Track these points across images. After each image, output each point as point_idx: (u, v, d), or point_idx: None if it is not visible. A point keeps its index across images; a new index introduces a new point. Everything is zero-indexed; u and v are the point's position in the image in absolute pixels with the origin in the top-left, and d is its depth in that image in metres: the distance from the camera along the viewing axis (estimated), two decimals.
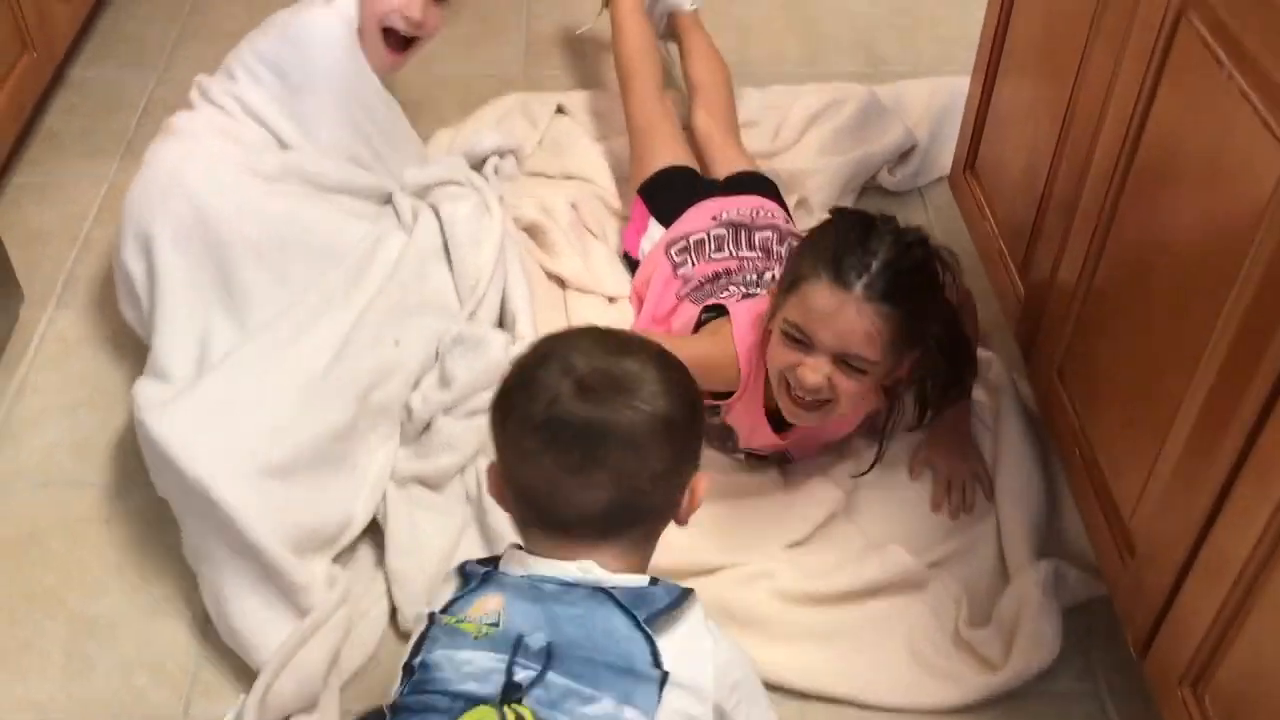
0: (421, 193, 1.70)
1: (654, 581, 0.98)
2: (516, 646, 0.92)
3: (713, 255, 1.58)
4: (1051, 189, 1.39)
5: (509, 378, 1.00)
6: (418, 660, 0.94)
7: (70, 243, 1.84)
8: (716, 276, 1.55)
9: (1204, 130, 1.05)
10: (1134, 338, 1.19)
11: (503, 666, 0.91)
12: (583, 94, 2.10)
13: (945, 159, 1.92)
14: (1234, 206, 1.00)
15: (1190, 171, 1.07)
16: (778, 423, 1.42)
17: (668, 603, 0.95)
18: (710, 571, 1.39)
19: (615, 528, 0.97)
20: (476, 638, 0.93)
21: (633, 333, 1.05)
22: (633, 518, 0.98)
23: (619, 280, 1.73)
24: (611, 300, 1.72)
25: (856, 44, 2.28)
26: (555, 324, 1.65)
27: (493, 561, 1.02)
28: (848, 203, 1.87)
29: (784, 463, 1.53)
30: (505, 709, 0.89)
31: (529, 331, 1.56)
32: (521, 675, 0.91)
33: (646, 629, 0.93)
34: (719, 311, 1.47)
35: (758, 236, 1.60)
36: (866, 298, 1.26)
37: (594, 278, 1.73)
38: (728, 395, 1.42)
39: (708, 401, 1.35)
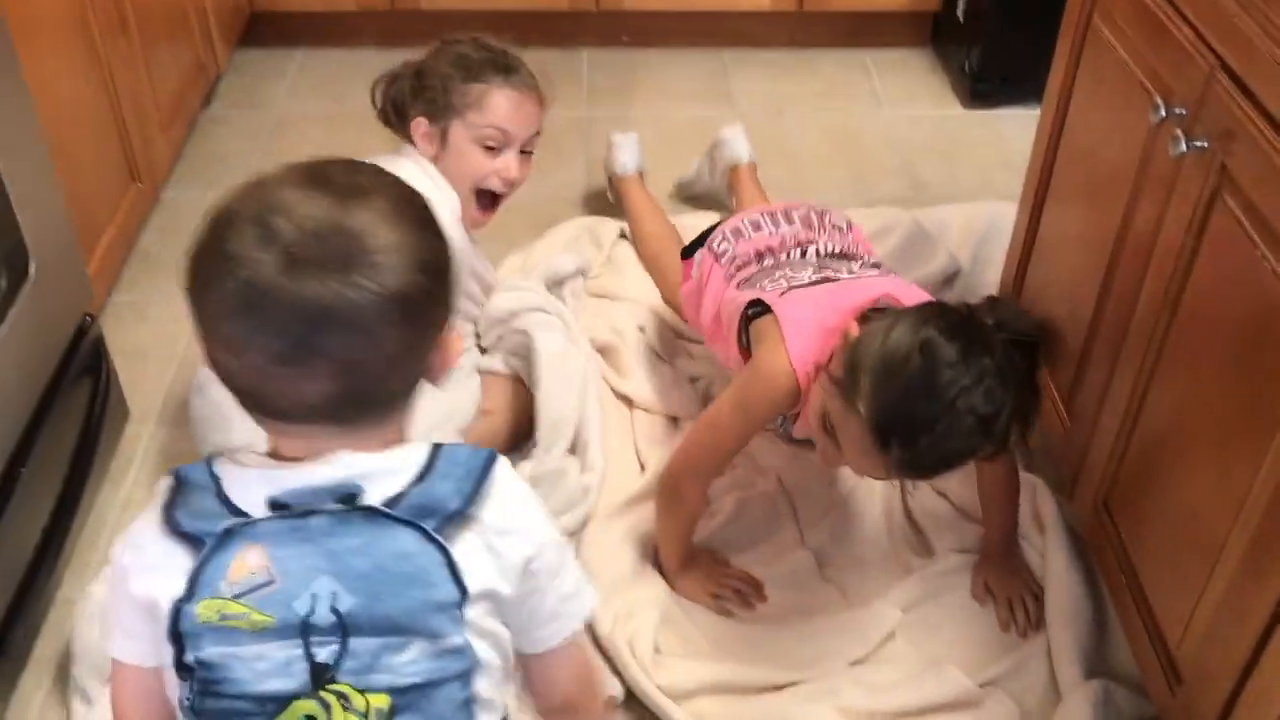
0: (508, 317, 1.81)
1: (435, 452, 0.87)
2: (305, 629, 0.82)
3: (752, 235, 1.67)
4: (1097, 329, 1.49)
5: (200, 239, 0.81)
6: (189, 658, 0.83)
7: (168, 361, 1.96)
8: (760, 256, 1.63)
9: (1241, 300, 1.15)
10: (1179, 474, 1.28)
11: (300, 652, 0.83)
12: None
13: (987, 283, 2.03)
14: (1275, 370, 1.10)
15: (1230, 334, 1.18)
16: None
17: (459, 504, 0.85)
18: (776, 688, 1.47)
19: (350, 416, 0.84)
20: (255, 629, 0.82)
21: (359, 164, 0.87)
22: (368, 403, 0.84)
23: (686, 401, 1.83)
24: (675, 420, 1.82)
25: (900, 169, 2.41)
26: (623, 445, 1.77)
27: (210, 478, 0.86)
28: None
29: None
30: (323, 695, 0.83)
31: (598, 460, 1.67)
32: (324, 654, 0.83)
33: (439, 539, 0.84)
34: (761, 308, 1.49)
35: (796, 214, 1.70)
36: (898, 465, 1.26)
37: (660, 399, 1.84)
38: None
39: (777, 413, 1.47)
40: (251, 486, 0.85)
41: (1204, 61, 1.21)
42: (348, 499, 0.83)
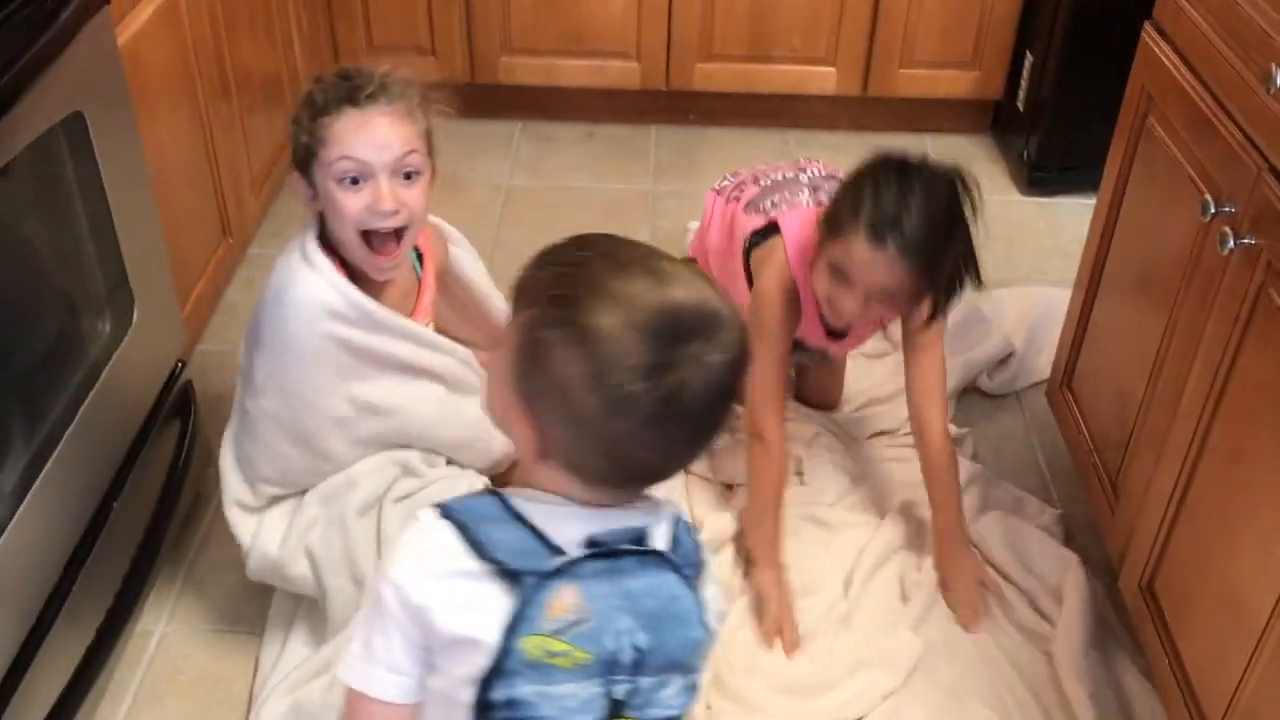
0: None
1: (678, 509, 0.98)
2: (610, 666, 0.89)
3: (760, 180, 1.86)
4: (1144, 415, 1.54)
5: (589, 360, 0.84)
6: (499, 696, 0.87)
7: None
8: (757, 178, 1.85)
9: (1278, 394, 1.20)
10: (1222, 557, 1.32)
11: (601, 689, 0.89)
12: None
13: (1040, 365, 2.08)
14: None
15: (1274, 424, 1.22)
16: (828, 329, 1.74)
17: (698, 555, 0.97)
18: None
19: (675, 471, 0.95)
20: (569, 667, 0.88)
21: (604, 240, 0.91)
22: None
23: (741, 468, 1.89)
24: (730, 488, 1.88)
25: None
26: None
27: (509, 512, 0.90)
28: (951, 409, 2.03)
29: (824, 359, 1.91)
30: None
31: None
32: (620, 690, 0.90)
33: (694, 585, 0.94)
34: (758, 238, 1.73)
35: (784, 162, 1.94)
36: (899, 254, 1.49)
37: (716, 466, 1.89)
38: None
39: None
40: (564, 525, 0.90)
41: (1251, 162, 1.27)
42: (639, 540, 0.91)
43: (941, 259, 1.55)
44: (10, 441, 1.34)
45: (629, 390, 0.83)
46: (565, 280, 0.87)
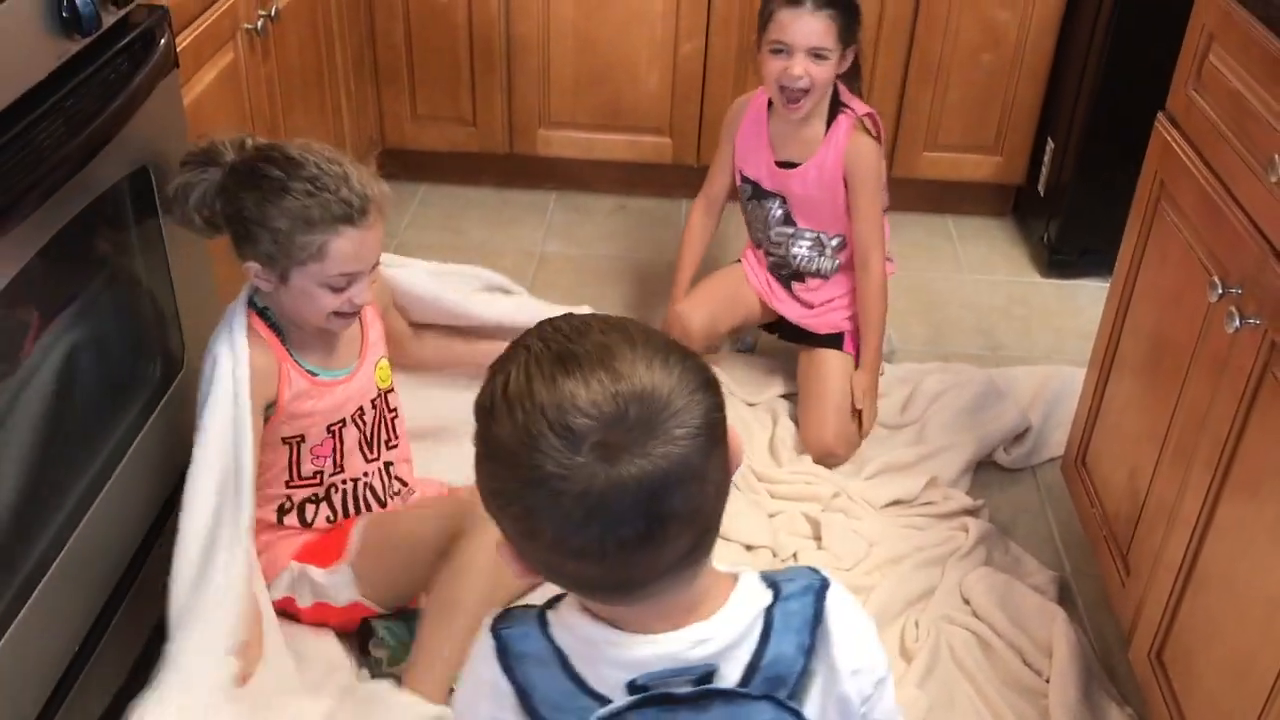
0: None
1: (774, 595, 0.88)
2: None
3: None
4: (1154, 490, 1.58)
5: (498, 468, 0.80)
6: None
7: None
8: None
9: None
10: (1229, 629, 1.35)
11: None
12: (739, 358, 2.37)
13: (1056, 441, 2.12)
14: None
15: (1277, 500, 1.26)
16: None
17: (804, 660, 0.86)
18: None
19: (699, 556, 0.83)
20: None
21: (579, 325, 0.83)
22: (712, 534, 0.84)
23: (760, 530, 1.93)
24: (749, 549, 1.92)
25: (977, 329, 2.53)
26: None
27: (552, 650, 0.86)
28: (966, 481, 2.08)
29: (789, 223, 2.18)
30: None
31: None
32: None
33: (793, 705, 0.85)
34: None
35: None
36: (814, 7, 1.93)
37: (732, 527, 1.93)
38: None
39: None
40: (604, 666, 0.84)
41: (1256, 246, 1.33)
42: (701, 679, 0.84)
43: (850, 16, 1.97)
44: (61, 482, 1.40)
45: (535, 504, 0.78)
46: (481, 393, 0.83)
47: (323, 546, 1.66)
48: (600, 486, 0.76)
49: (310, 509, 1.68)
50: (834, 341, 2.17)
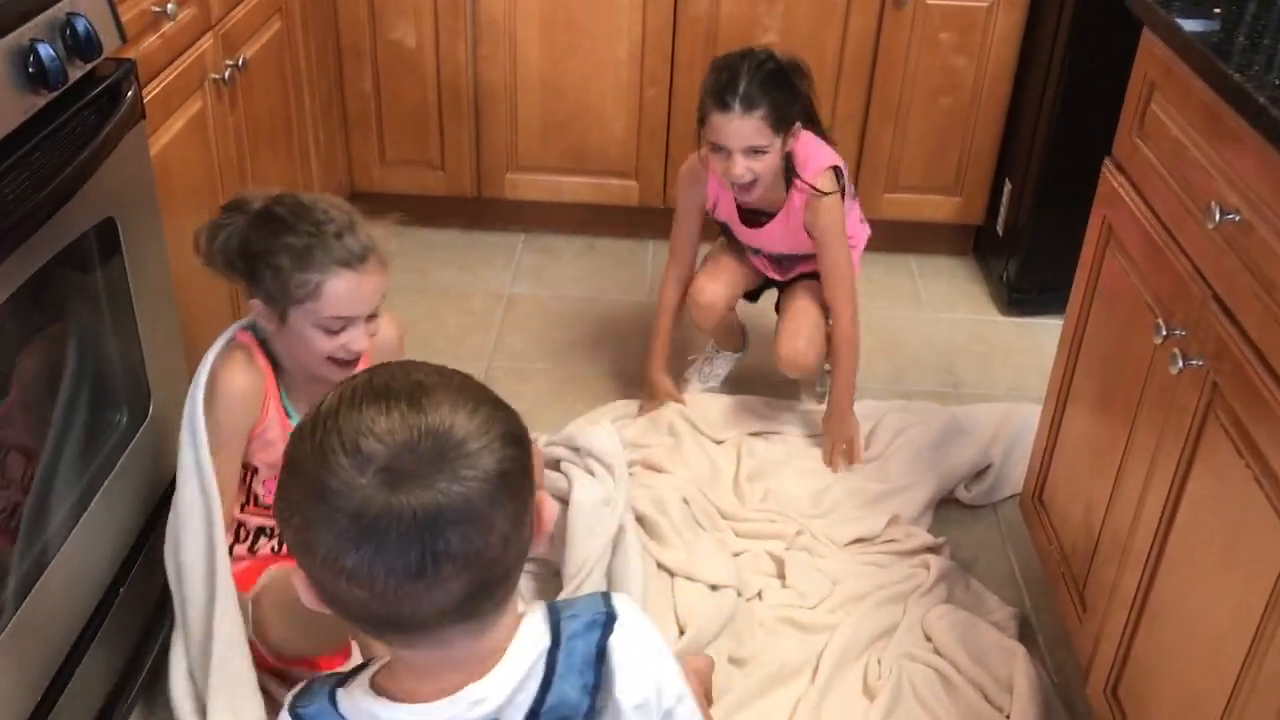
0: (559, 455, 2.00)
1: (553, 638, 0.89)
2: None
3: None
4: (1107, 527, 1.61)
5: (291, 486, 0.82)
6: None
7: None
8: None
9: (1230, 506, 1.28)
10: (1179, 662, 1.38)
11: None
12: (706, 397, 2.39)
13: (1017, 478, 2.15)
14: (1257, 571, 1.21)
15: (1220, 537, 1.30)
16: (750, 220, 2.17)
17: (589, 700, 0.88)
18: None
19: (479, 607, 0.84)
20: None
21: (407, 364, 0.87)
22: (493, 588, 0.84)
23: (726, 570, 1.95)
24: (714, 588, 1.93)
25: (938, 367, 2.57)
26: (662, 611, 1.88)
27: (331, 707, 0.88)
28: (928, 519, 2.10)
29: (776, 284, 2.30)
30: None
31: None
32: None
33: None
34: None
35: None
36: (743, 110, 1.93)
37: (697, 566, 1.95)
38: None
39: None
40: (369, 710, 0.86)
41: (1198, 289, 1.37)
42: None
43: (781, 108, 1.96)
44: (25, 529, 1.41)
45: (315, 516, 0.80)
46: (308, 410, 0.86)
47: (244, 575, 1.63)
48: (376, 509, 0.78)
49: (262, 541, 1.69)
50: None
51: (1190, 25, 1.44)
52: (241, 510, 1.66)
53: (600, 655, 0.90)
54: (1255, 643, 1.20)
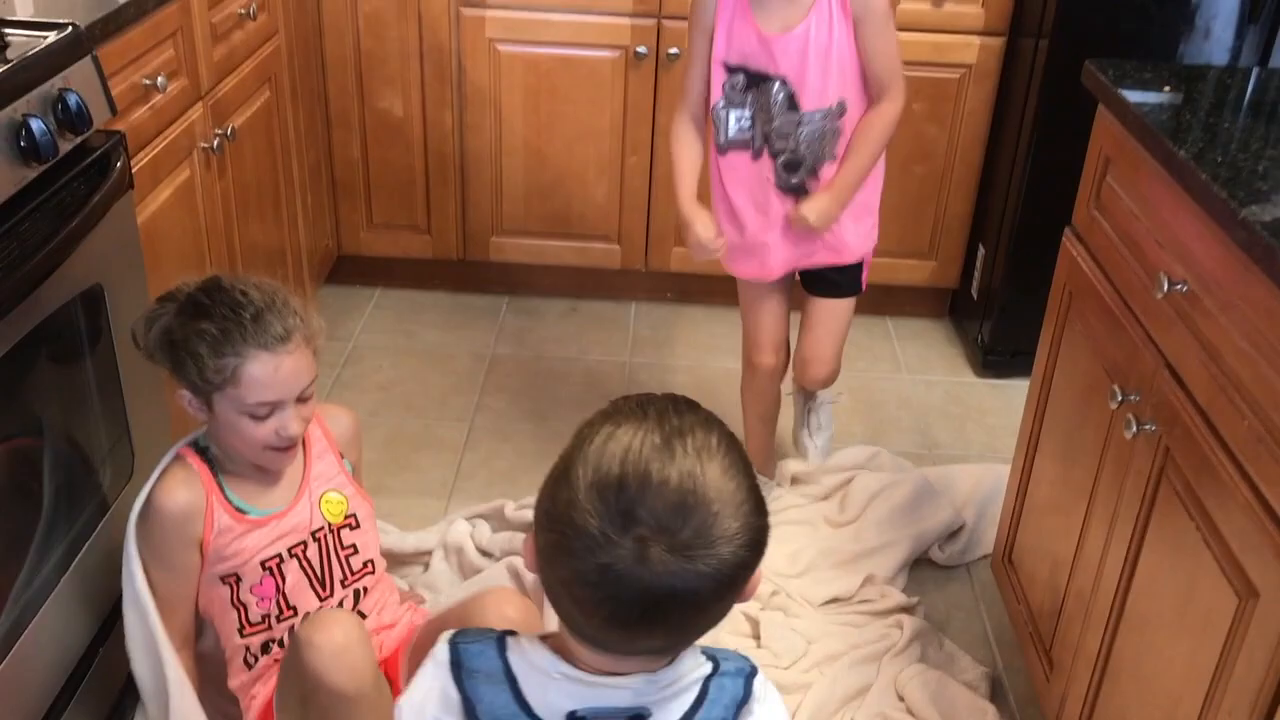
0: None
1: (714, 667, 0.98)
2: None
3: None
4: (1071, 586, 1.64)
5: (559, 493, 0.90)
6: None
7: None
8: None
9: (1182, 567, 1.31)
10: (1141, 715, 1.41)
11: None
12: None
13: (990, 538, 2.18)
14: (1208, 629, 1.24)
15: (1174, 596, 1.33)
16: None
17: None
18: None
19: (673, 651, 0.96)
20: None
21: (692, 417, 0.93)
22: (692, 641, 0.96)
23: None
24: None
25: (914, 428, 2.61)
26: None
27: (503, 670, 0.96)
28: (903, 579, 2.13)
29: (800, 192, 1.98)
30: None
31: None
32: None
33: None
34: None
35: None
36: None
37: None
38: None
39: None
40: (551, 693, 0.94)
41: (1150, 356, 1.42)
42: (636, 718, 0.95)
43: None
44: (10, 586, 1.43)
45: (569, 544, 0.88)
46: (588, 425, 0.94)
47: (266, 710, 1.57)
48: (622, 570, 0.86)
49: (274, 650, 1.60)
50: (853, 274, 2.11)
51: (1140, 101, 1.50)
52: (241, 635, 1.57)
53: (744, 699, 0.99)
54: (1207, 702, 1.23)
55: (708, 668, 0.99)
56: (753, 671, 1.02)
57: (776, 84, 1.88)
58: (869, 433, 2.58)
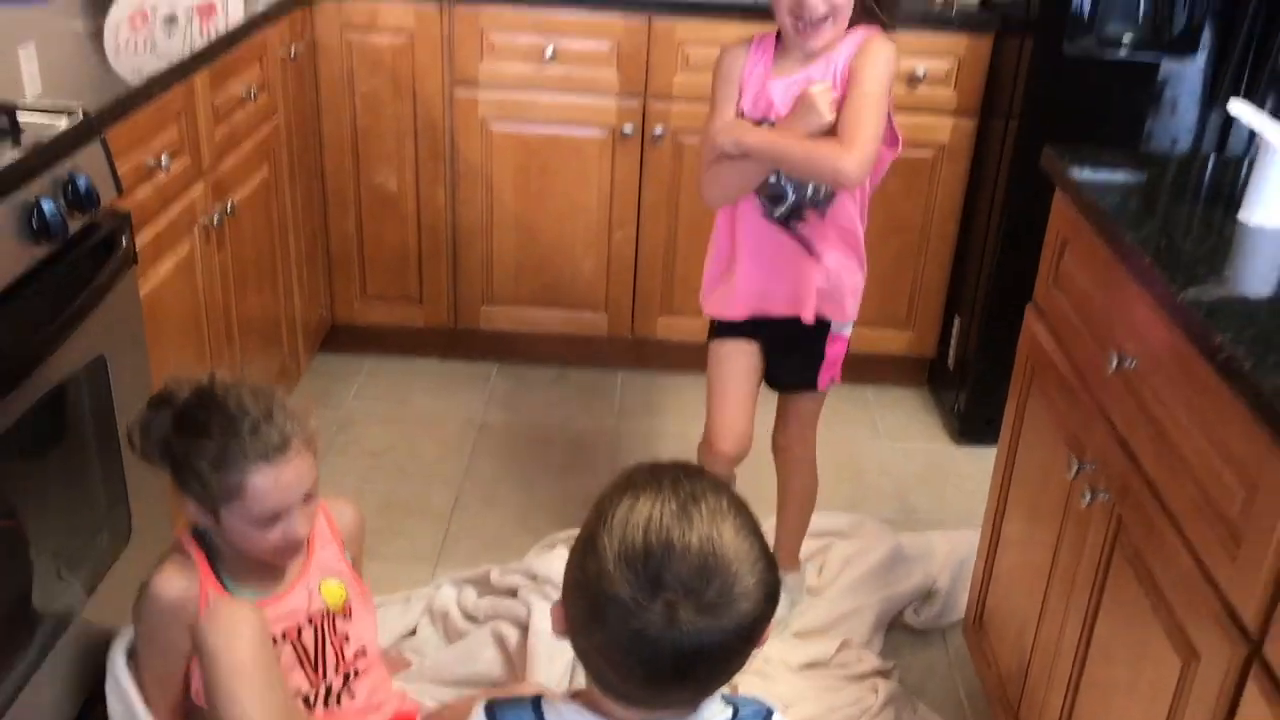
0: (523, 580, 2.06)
1: (733, 712, 1.07)
2: None
3: None
4: (1036, 647, 1.70)
5: (588, 562, 0.98)
6: None
7: None
8: None
9: (1134, 630, 1.37)
10: None
11: None
12: None
13: (964, 603, 2.23)
14: (1152, 707, 1.30)
15: (1127, 660, 1.39)
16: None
17: None
18: None
19: (699, 701, 1.04)
20: None
21: (714, 502, 1.00)
22: (716, 689, 1.04)
23: None
24: None
25: (893, 494, 2.67)
26: None
27: None
28: (878, 642, 2.18)
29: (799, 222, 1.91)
30: None
31: None
32: None
33: None
34: None
35: None
36: None
37: None
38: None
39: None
40: None
41: (1104, 428, 1.49)
42: None
43: None
44: (7, 648, 1.48)
45: (600, 612, 0.96)
46: (607, 498, 1.02)
47: None
48: (653, 634, 0.95)
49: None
50: (815, 340, 2.02)
51: (1093, 186, 1.59)
52: None
53: None
54: None
55: (728, 713, 1.07)
56: (768, 713, 1.11)
57: (765, 125, 1.86)
58: (850, 499, 2.64)
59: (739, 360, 2.04)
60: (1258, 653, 1.11)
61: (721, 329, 2.06)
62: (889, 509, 2.62)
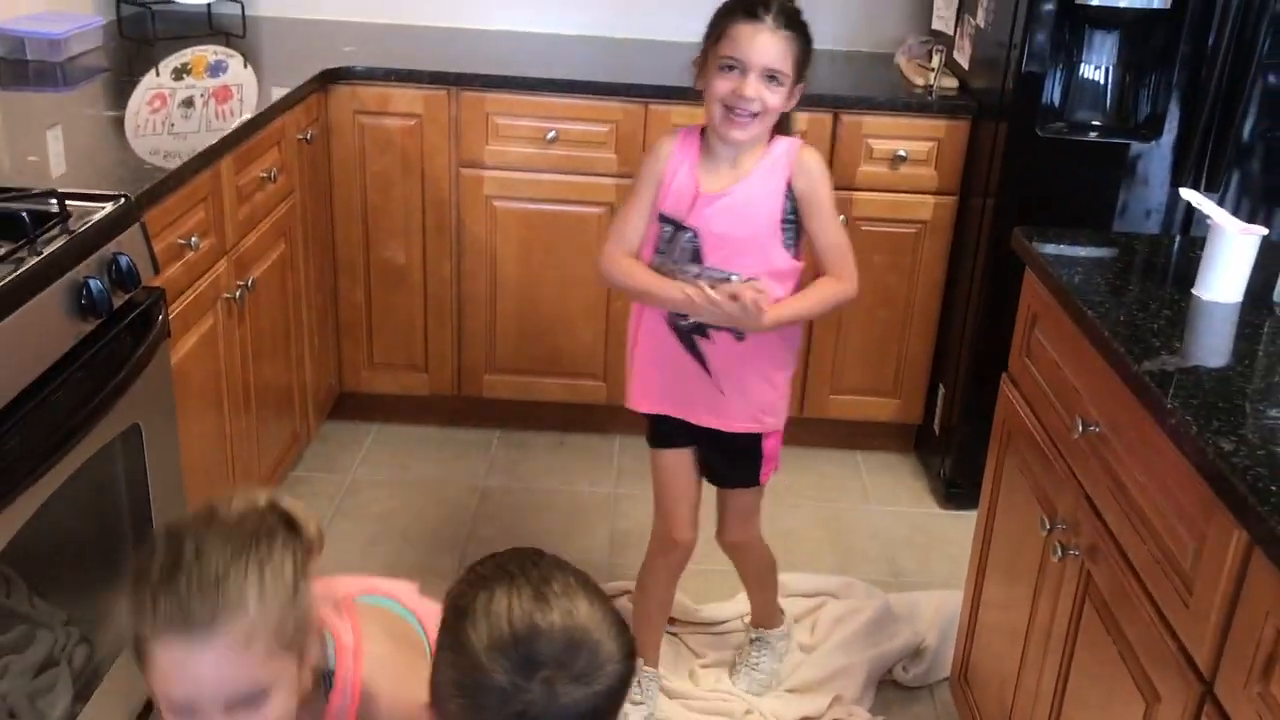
0: None
1: None
2: None
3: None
4: (1017, 704, 1.79)
5: (462, 667, 1.02)
6: None
7: None
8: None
9: (1106, 681, 1.48)
10: None
11: None
12: None
13: (949, 660, 2.33)
14: None
15: (1100, 711, 1.49)
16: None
17: None
18: None
19: None
20: None
21: (547, 564, 1.09)
22: None
23: None
24: None
25: (882, 557, 2.77)
26: None
27: None
28: (869, 698, 2.27)
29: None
30: None
31: None
32: None
33: None
34: None
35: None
36: (775, 26, 1.77)
37: None
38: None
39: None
40: None
41: (1073, 489, 1.60)
42: None
43: (805, 50, 1.82)
44: (38, 714, 1.57)
45: (481, 703, 1.01)
46: (460, 596, 1.07)
47: None
48: (536, 712, 1.00)
49: None
50: (748, 445, 2.01)
51: (1059, 264, 1.72)
52: None
53: None
54: None
55: None
56: None
57: (689, 234, 1.88)
58: (839, 561, 2.74)
59: (680, 471, 2.08)
60: (1210, 692, 1.21)
61: (657, 435, 2.08)
62: (877, 571, 2.71)
